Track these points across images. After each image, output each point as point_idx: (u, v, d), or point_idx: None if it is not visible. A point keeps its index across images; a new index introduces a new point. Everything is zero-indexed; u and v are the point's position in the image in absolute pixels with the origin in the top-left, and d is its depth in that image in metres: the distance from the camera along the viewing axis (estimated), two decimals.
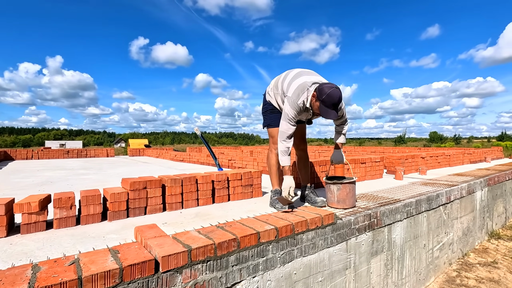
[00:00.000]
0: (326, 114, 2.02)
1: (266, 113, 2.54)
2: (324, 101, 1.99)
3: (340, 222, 1.98)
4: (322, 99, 1.99)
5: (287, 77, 2.30)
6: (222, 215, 2.16)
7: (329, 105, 1.99)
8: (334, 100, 1.98)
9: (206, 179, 2.47)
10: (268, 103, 2.51)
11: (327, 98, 1.97)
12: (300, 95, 2.11)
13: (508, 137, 39.17)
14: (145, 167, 6.32)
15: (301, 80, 2.15)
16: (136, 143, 28.75)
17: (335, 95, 1.97)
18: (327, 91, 1.97)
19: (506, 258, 3.60)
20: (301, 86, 2.12)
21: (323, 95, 1.98)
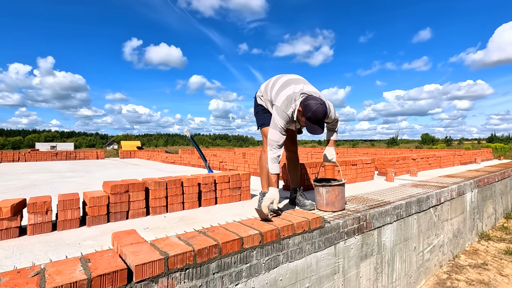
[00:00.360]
0: (312, 130, 2.00)
1: (258, 114, 2.49)
2: (310, 118, 1.96)
3: (328, 226, 1.93)
4: (307, 116, 1.96)
5: (275, 84, 2.26)
6: (208, 219, 2.09)
7: (315, 121, 1.97)
8: (319, 116, 1.95)
9: (192, 182, 2.40)
10: (259, 105, 2.47)
11: (312, 115, 1.95)
12: (288, 106, 2.07)
13: (498, 139, 39.92)
14: (135, 170, 6.19)
15: (290, 91, 2.10)
16: (129, 145, 28.43)
17: (319, 112, 1.94)
18: (312, 107, 1.93)
19: (496, 259, 3.60)
20: (289, 98, 2.08)
21: (309, 112, 1.95)
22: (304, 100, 1.99)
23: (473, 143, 50.75)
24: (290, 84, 2.17)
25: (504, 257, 3.65)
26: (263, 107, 2.44)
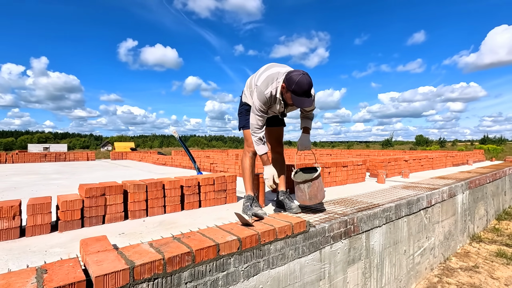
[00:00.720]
0: (300, 103, 1.94)
1: (241, 114, 2.41)
2: (295, 90, 1.91)
3: (313, 230, 1.85)
4: (292, 89, 1.91)
5: (259, 71, 2.24)
6: (189, 223, 2.00)
7: (301, 93, 1.91)
8: (304, 87, 1.89)
9: (174, 184, 2.30)
10: (244, 104, 2.39)
11: (296, 87, 1.89)
12: (269, 85, 2.04)
13: (490, 140, 40.41)
14: (124, 171, 6.07)
15: (272, 71, 2.08)
16: (122, 146, 28.22)
17: (304, 82, 1.88)
18: (295, 79, 1.89)
19: (487, 262, 3.56)
20: (270, 77, 2.05)
21: (292, 84, 1.90)
22: (286, 75, 1.95)
23: (466, 145, 51.33)
24: (273, 66, 2.15)
25: (495, 260, 3.61)
26: (247, 107, 2.36)
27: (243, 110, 2.39)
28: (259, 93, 2.04)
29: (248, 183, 2.33)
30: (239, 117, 2.43)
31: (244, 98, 2.39)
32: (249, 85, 2.32)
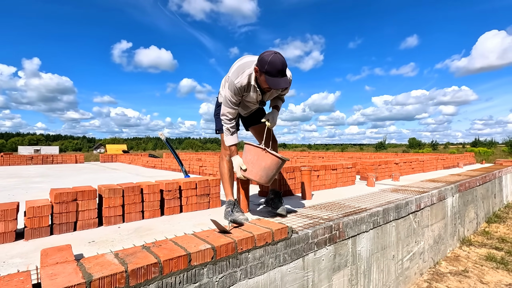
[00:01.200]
0: (275, 84, 1.81)
1: (217, 116, 2.31)
2: (268, 71, 1.79)
3: (295, 237, 1.77)
4: (265, 70, 1.79)
5: (232, 65, 2.14)
6: (167, 230, 1.91)
7: (275, 73, 1.79)
8: (277, 66, 1.77)
9: (153, 188, 2.20)
10: (220, 105, 2.30)
11: (269, 67, 1.78)
12: (239, 74, 1.94)
13: (481, 143, 41.02)
14: (111, 174, 5.92)
15: (243, 61, 2.00)
16: (114, 148, 27.83)
17: (277, 60, 1.77)
18: (267, 59, 1.78)
19: (477, 266, 3.53)
20: (241, 66, 1.96)
21: (265, 65, 1.78)
22: (258, 57, 1.85)
23: (458, 147, 52.03)
24: (245, 57, 2.05)
25: (485, 264, 3.58)
26: None
27: (219, 112, 2.30)
28: (230, 84, 1.95)
29: (228, 188, 2.24)
30: (215, 119, 2.35)
31: (220, 99, 2.29)
32: (224, 84, 2.24)
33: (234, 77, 1.94)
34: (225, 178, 2.24)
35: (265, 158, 1.86)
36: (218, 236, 1.52)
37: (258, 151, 1.89)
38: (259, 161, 1.87)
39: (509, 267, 3.47)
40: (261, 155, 1.87)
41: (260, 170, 1.88)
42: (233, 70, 1.97)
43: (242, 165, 1.95)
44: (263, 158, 1.86)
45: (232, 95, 1.97)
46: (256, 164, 1.88)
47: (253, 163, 1.89)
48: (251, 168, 1.90)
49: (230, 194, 2.22)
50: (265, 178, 1.91)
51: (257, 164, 1.88)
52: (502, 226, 5.12)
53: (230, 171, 2.26)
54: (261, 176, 1.89)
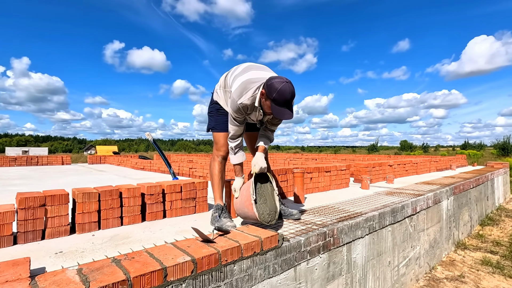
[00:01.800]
0: (280, 114, 1.70)
1: (211, 114, 2.18)
2: (276, 99, 1.67)
3: (286, 245, 1.63)
4: (273, 97, 1.67)
5: (235, 71, 1.98)
6: (146, 238, 1.74)
7: (281, 103, 1.68)
8: (286, 97, 1.66)
9: (133, 192, 2.03)
10: (215, 103, 2.16)
11: (278, 95, 1.66)
12: (243, 93, 1.79)
13: (471, 146, 41.75)
14: (97, 176, 5.68)
15: (247, 76, 1.83)
16: (104, 149, 27.22)
17: (287, 91, 1.66)
18: (277, 87, 1.65)
19: (473, 270, 3.44)
20: (244, 84, 1.80)
21: (274, 92, 1.66)
22: (267, 81, 1.72)
23: (448, 150, 52.89)
24: (250, 69, 1.90)
25: (481, 268, 3.49)
26: (218, 107, 2.14)
27: (214, 110, 2.16)
28: (232, 102, 1.82)
29: (217, 191, 2.09)
30: (209, 117, 2.20)
31: (216, 97, 2.16)
32: (223, 84, 2.10)
33: (237, 96, 1.79)
34: (215, 180, 2.09)
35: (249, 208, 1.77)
36: (201, 246, 1.37)
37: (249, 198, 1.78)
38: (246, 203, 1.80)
39: (505, 271, 3.39)
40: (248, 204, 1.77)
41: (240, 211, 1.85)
42: (236, 87, 1.81)
43: (236, 193, 1.90)
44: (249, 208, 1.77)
45: (234, 113, 1.85)
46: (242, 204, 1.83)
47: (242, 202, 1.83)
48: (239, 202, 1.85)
49: (219, 198, 2.07)
50: (241, 217, 1.91)
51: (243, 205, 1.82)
52: (496, 229, 5.08)
53: (221, 172, 2.11)
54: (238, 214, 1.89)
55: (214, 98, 2.17)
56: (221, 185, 2.10)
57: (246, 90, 1.78)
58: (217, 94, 2.15)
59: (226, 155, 2.12)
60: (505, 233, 4.88)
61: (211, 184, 2.11)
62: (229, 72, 2.09)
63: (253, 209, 1.72)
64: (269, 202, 1.87)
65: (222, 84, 2.11)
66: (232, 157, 1.97)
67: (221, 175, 2.10)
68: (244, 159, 1.98)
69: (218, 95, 2.14)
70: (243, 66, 1.96)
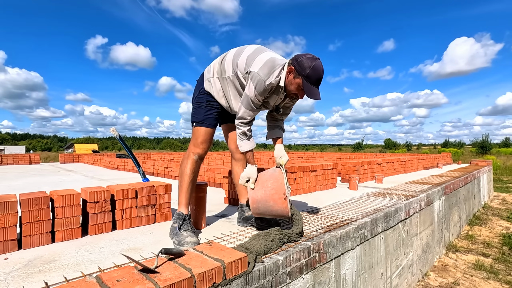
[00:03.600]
0: (311, 93, 1.54)
1: (199, 105, 1.81)
2: (309, 76, 1.52)
3: (259, 269, 1.26)
4: (306, 74, 1.52)
5: (242, 53, 1.68)
6: (76, 262, 1.33)
7: (314, 81, 1.54)
8: (320, 74, 1.54)
9: (69, 199, 1.61)
10: (206, 93, 1.81)
11: (312, 72, 1.51)
12: (271, 72, 1.58)
13: (451, 144, 43.04)
14: (62, 177, 5.14)
15: (268, 55, 1.63)
16: (84, 148, 26.06)
17: (320, 67, 1.54)
18: (311, 63, 1.52)
19: (467, 276, 3.21)
20: (269, 62, 1.60)
21: (307, 68, 1.51)
22: (296, 57, 1.57)
23: (430, 148, 54.39)
24: (265, 50, 1.69)
25: (474, 273, 3.27)
26: (209, 98, 1.79)
27: (203, 101, 1.81)
28: (259, 82, 1.57)
29: (184, 196, 1.70)
30: (196, 108, 1.82)
31: (208, 87, 1.80)
32: (219, 70, 1.76)
33: (264, 74, 1.57)
34: (185, 182, 1.71)
35: (278, 202, 1.57)
36: (136, 279, 0.98)
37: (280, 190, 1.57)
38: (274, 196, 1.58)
39: (500, 277, 3.18)
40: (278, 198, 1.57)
41: (262, 205, 1.61)
42: (261, 66, 1.58)
43: (252, 183, 1.65)
44: (277, 202, 1.57)
45: (256, 95, 1.60)
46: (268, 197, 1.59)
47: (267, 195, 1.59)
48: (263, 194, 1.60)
49: (184, 205, 1.69)
50: (257, 212, 1.66)
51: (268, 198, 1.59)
52: (484, 229, 4.93)
53: (193, 174, 1.73)
54: (257, 208, 1.63)
55: (206, 88, 1.81)
56: (190, 189, 1.71)
57: (272, 69, 1.59)
58: (209, 83, 1.80)
59: (204, 154, 1.80)
60: (494, 233, 4.73)
61: (179, 186, 1.72)
62: (226, 56, 1.76)
63: (284, 203, 1.55)
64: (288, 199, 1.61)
65: (217, 70, 1.77)
66: (245, 144, 1.71)
67: (193, 176, 1.72)
68: (254, 146, 1.75)
69: (211, 85, 1.79)
70: (254, 47, 1.70)
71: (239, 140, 1.71)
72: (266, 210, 1.62)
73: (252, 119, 1.70)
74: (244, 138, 1.70)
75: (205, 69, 1.87)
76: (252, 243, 1.39)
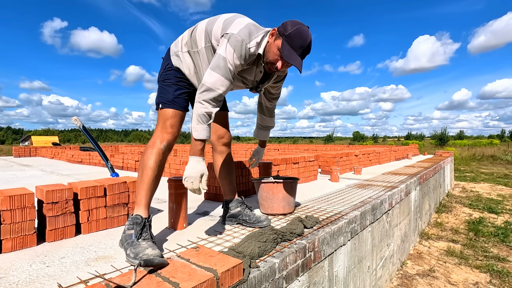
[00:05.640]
0: (291, 57, 1.32)
1: (167, 83, 1.48)
2: (291, 36, 1.32)
3: (255, 275, 1.11)
4: (288, 33, 1.32)
5: (217, 20, 1.42)
6: (29, 278, 1.07)
7: (296, 45, 1.32)
8: (304, 38, 1.33)
9: (19, 201, 1.32)
10: (175, 69, 1.50)
11: (295, 33, 1.32)
12: (252, 37, 1.36)
13: (413, 136, 45.93)
14: (14, 173, 4.57)
15: (248, 20, 1.41)
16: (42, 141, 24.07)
17: (306, 33, 1.34)
18: (295, 25, 1.33)
19: (441, 263, 3.33)
20: (252, 25, 1.38)
21: (290, 29, 1.32)
22: (283, 23, 1.38)
23: (394, 140, 57.68)
24: (243, 16, 1.46)
25: (447, 260, 3.41)
26: (179, 75, 1.50)
27: (171, 78, 1.48)
28: (238, 43, 1.31)
29: (145, 194, 1.36)
30: (163, 87, 1.49)
31: (176, 61, 1.50)
32: (190, 43, 1.48)
33: (245, 35, 1.33)
34: (147, 177, 1.37)
35: (279, 188, 1.87)
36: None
37: (269, 186, 1.88)
38: (275, 194, 1.88)
39: (470, 261, 3.34)
40: (274, 187, 1.87)
41: (280, 202, 1.89)
42: (241, 28, 1.34)
43: (205, 176, 1.27)
44: (278, 190, 1.87)
45: (235, 59, 1.32)
46: (274, 198, 1.88)
47: (271, 199, 1.89)
48: (271, 204, 1.90)
49: (143, 205, 1.35)
50: (288, 206, 1.93)
51: (275, 198, 1.88)
52: (451, 216, 5.22)
53: (159, 167, 1.40)
54: (284, 206, 1.91)
55: (174, 63, 1.50)
56: (153, 186, 1.39)
57: (255, 34, 1.37)
58: (178, 58, 1.50)
59: (173, 141, 1.46)
60: (460, 219, 5.03)
61: (138, 181, 1.40)
62: (197, 26, 1.48)
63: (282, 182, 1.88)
64: None
65: (187, 42, 1.48)
66: (204, 129, 1.31)
67: (158, 171, 1.40)
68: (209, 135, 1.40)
69: (179, 60, 1.50)
70: (230, 14, 1.45)
71: (196, 122, 1.32)
72: (287, 200, 1.92)
73: (223, 96, 1.36)
74: (205, 121, 1.32)
75: (172, 43, 1.57)
76: (244, 245, 1.23)
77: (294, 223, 1.56)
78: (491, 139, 41.61)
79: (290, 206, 1.94)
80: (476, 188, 7.77)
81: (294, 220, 1.60)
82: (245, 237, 1.29)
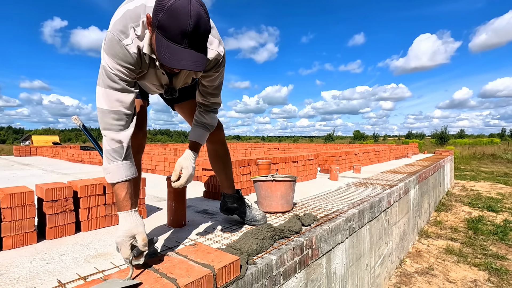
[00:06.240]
0: (171, 57, 0.88)
1: None
2: (164, 26, 0.86)
3: (253, 272, 1.12)
4: (159, 22, 0.86)
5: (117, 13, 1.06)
6: (29, 275, 1.09)
7: (176, 35, 0.86)
8: (183, 22, 0.85)
9: (20, 199, 1.34)
10: None
11: (168, 19, 0.85)
12: (128, 27, 0.98)
13: (414, 135, 45.91)
14: (15, 172, 4.59)
15: (133, 4, 1.00)
16: (43, 140, 24.06)
17: (182, 10, 0.84)
18: (166, 3, 0.85)
19: (440, 261, 3.35)
20: (130, 13, 0.99)
21: (160, 12, 0.86)
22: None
23: (395, 139, 57.65)
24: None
25: (446, 258, 3.42)
26: None
27: None
28: (109, 42, 0.97)
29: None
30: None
31: None
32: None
33: (118, 30, 0.97)
34: None
35: (277, 186, 1.91)
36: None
37: (268, 184, 1.92)
38: (273, 192, 1.92)
39: (469, 260, 3.35)
40: (272, 185, 1.91)
41: (279, 200, 1.93)
42: (117, 19, 0.98)
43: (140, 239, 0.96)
44: (276, 188, 1.91)
45: (115, 64, 0.98)
46: (273, 196, 1.92)
47: (269, 197, 1.93)
48: (270, 202, 1.93)
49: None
50: (286, 204, 1.96)
51: (273, 196, 1.92)
52: (450, 215, 5.23)
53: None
54: (282, 205, 1.94)
55: None
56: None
57: (136, 22, 0.99)
58: None
59: None
60: (459, 218, 5.04)
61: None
62: None
63: (281, 181, 1.92)
64: None
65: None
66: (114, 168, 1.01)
67: None
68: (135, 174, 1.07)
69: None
70: None
71: (106, 161, 1.02)
72: (286, 198, 1.95)
73: (125, 113, 1.01)
74: (116, 158, 1.01)
75: None
76: (242, 242, 1.24)
77: (292, 220, 1.57)
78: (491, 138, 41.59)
79: (288, 204, 1.96)
80: (476, 186, 7.78)
81: (292, 217, 1.61)
82: (243, 234, 1.30)
